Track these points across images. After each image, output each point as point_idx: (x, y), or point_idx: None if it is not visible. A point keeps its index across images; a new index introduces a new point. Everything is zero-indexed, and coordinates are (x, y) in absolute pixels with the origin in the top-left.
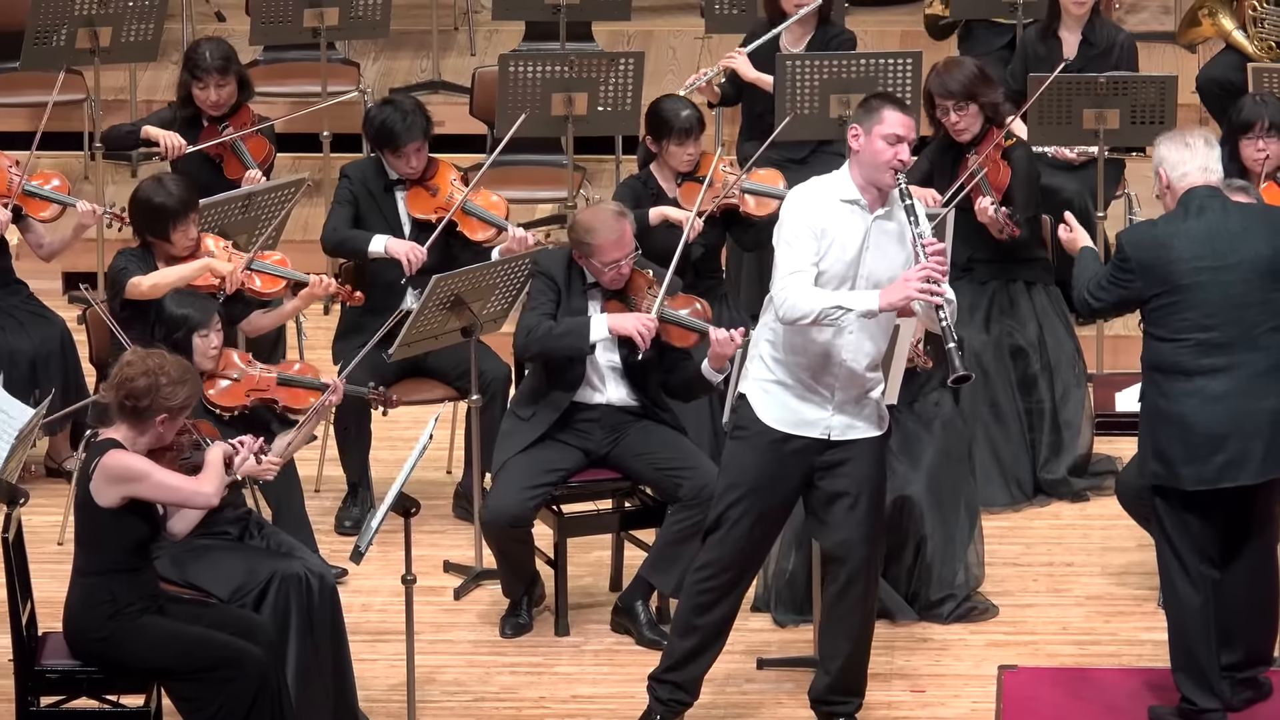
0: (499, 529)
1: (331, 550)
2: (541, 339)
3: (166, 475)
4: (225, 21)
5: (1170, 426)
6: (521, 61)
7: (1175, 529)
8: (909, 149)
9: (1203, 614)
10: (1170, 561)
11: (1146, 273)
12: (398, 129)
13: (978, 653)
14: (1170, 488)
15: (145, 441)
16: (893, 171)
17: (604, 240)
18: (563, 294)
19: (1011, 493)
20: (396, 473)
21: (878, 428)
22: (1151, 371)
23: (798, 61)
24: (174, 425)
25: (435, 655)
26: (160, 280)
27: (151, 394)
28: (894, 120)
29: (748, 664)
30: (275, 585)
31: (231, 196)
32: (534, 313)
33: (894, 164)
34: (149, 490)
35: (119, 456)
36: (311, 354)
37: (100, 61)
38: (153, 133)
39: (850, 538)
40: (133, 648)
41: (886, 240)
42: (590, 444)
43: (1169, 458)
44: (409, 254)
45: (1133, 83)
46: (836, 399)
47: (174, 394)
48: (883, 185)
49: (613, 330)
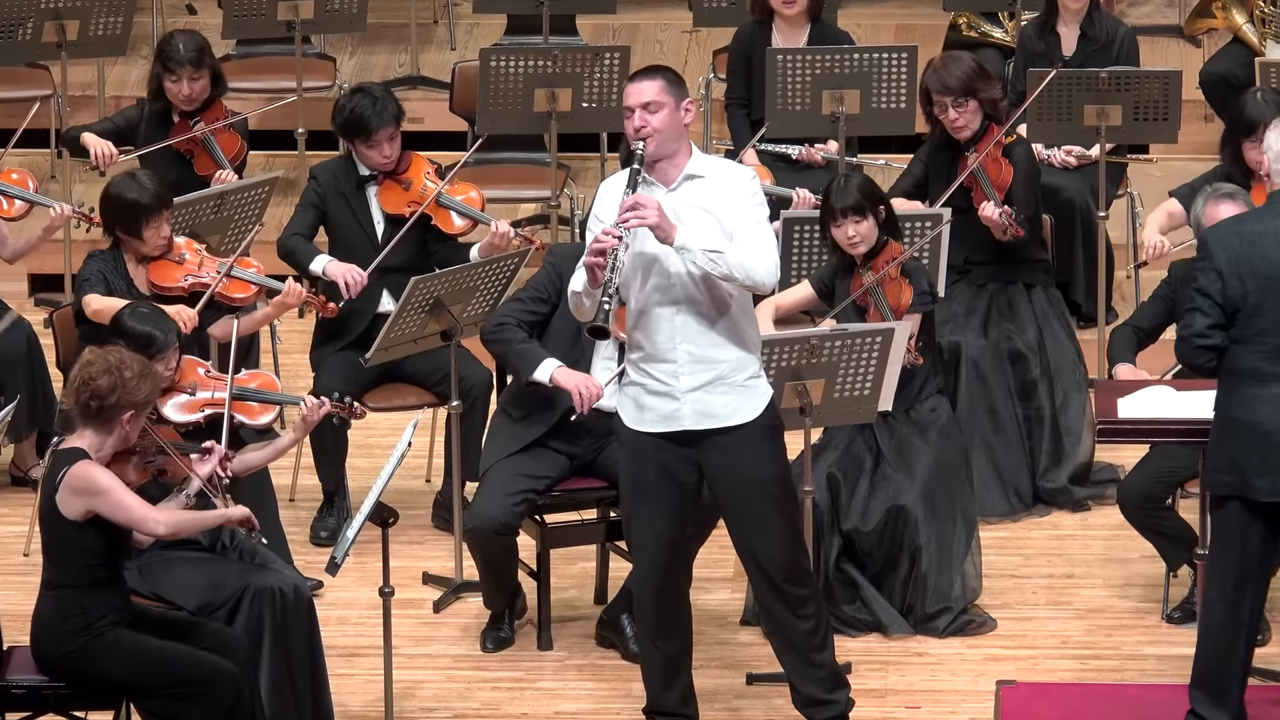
0: (484, 536)
1: (306, 562)
2: (505, 342)
3: (126, 496)
4: (197, 15)
5: (1246, 435)
6: (503, 56)
7: (1233, 543)
8: (645, 116)
9: (1239, 634)
10: (1219, 575)
11: (1232, 272)
12: (368, 115)
13: (975, 668)
14: (1238, 499)
15: (112, 443)
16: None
17: None
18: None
19: (1010, 502)
20: (374, 481)
21: (747, 415)
22: (1227, 377)
23: (789, 57)
24: (138, 423)
25: (414, 670)
26: (104, 309)
27: (116, 390)
28: (627, 91)
29: (737, 679)
30: (248, 598)
31: (203, 196)
32: (518, 305)
33: (632, 135)
34: (108, 507)
35: (85, 468)
36: (286, 358)
37: (67, 56)
38: (86, 139)
39: (753, 539)
40: (103, 663)
41: (686, 212)
42: (576, 450)
43: (1243, 468)
44: (347, 276)
45: (1135, 78)
46: (683, 386)
47: (138, 388)
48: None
49: (556, 381)
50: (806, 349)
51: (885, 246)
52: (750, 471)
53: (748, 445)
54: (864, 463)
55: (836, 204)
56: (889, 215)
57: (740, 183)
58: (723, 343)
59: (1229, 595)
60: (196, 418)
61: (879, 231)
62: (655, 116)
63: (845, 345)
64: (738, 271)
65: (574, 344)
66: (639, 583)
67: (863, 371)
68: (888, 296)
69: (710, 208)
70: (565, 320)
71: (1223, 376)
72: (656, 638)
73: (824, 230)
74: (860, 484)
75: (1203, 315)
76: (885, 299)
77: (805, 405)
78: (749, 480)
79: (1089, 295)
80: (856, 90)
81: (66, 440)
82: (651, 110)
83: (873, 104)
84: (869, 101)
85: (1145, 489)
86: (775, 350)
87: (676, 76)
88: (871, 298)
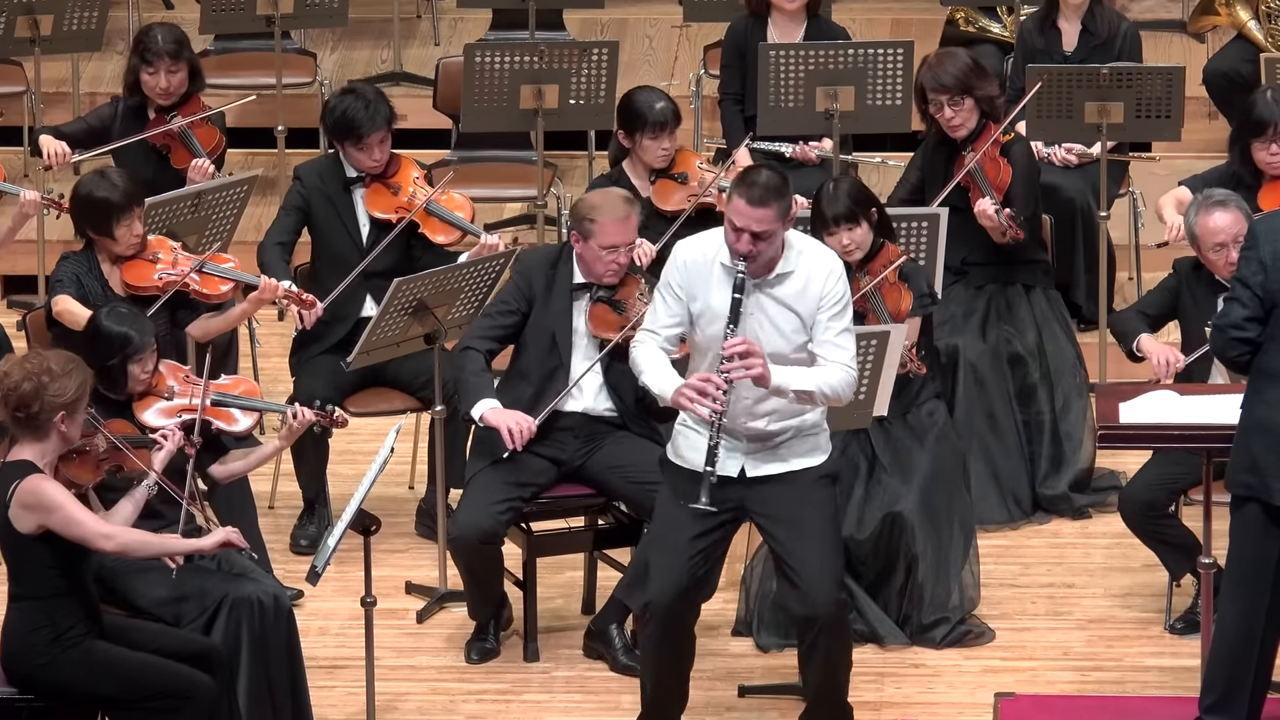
0: (469, 546)
1: (286, 571)
2: (460, 369)
3: (77, 511)
4: (174, 9)
5: (1267, 435)
6: (488, 52)
7: (1249, 548)
8: (756, 244)
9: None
10: (1235, 583)
11: (1276, 265)
12: (359, 118)
13: (973, 680)
14: (1256, 501)
15: (54, 447)
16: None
17: (607, 219)
18: (537, 302)
19: (1009, 509)
20: (355, 488)
21: (804, 464)
22: (1256, 376)
23: (782, 52)
24: (76, 422)
25: (396, 682)
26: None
27: (40, 396)
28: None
29: (729, 691)
30: (226, 608)
31: (180, 195)
32: (487, 323)
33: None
34: (58, 523)
35: (35, 484)
36: (265, 361)
37: (41, 51)
38: (41, 140)
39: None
40: (75, 674)
41: (772, 308)
42: (563, 455)
43: (1261, 468)
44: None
45: (1137, 74)
46: (746, 445)
47: (63, 389)
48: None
49: (486, 420)
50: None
51: (882, 249)
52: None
53: (800, 486)
54: (859, 469)
55: (828, 212)
56: (882, 217)
57: (828, 284)
58: (790, 412)
59: (1241, 602)
60: (173, 423)
61: (874, 234)
62: (766, 243)
63: None
64: (822, 402)
65: (550, 350)
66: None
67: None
68: (887, 302)
69: (796, 305)
70: (538, 328)
71: (1252, 375)
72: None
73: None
74: (855, 490)
75: (1240, 306)
76: (885, 305)
77: None
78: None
79: (1090, 297)
80: (851, 87)
81: (11, 453)
82: (763, 238)
83: (868, 101)
84: (864, 98)
85: (1148, 496)
86: None
87: (784, 185)
88: (870, 304)
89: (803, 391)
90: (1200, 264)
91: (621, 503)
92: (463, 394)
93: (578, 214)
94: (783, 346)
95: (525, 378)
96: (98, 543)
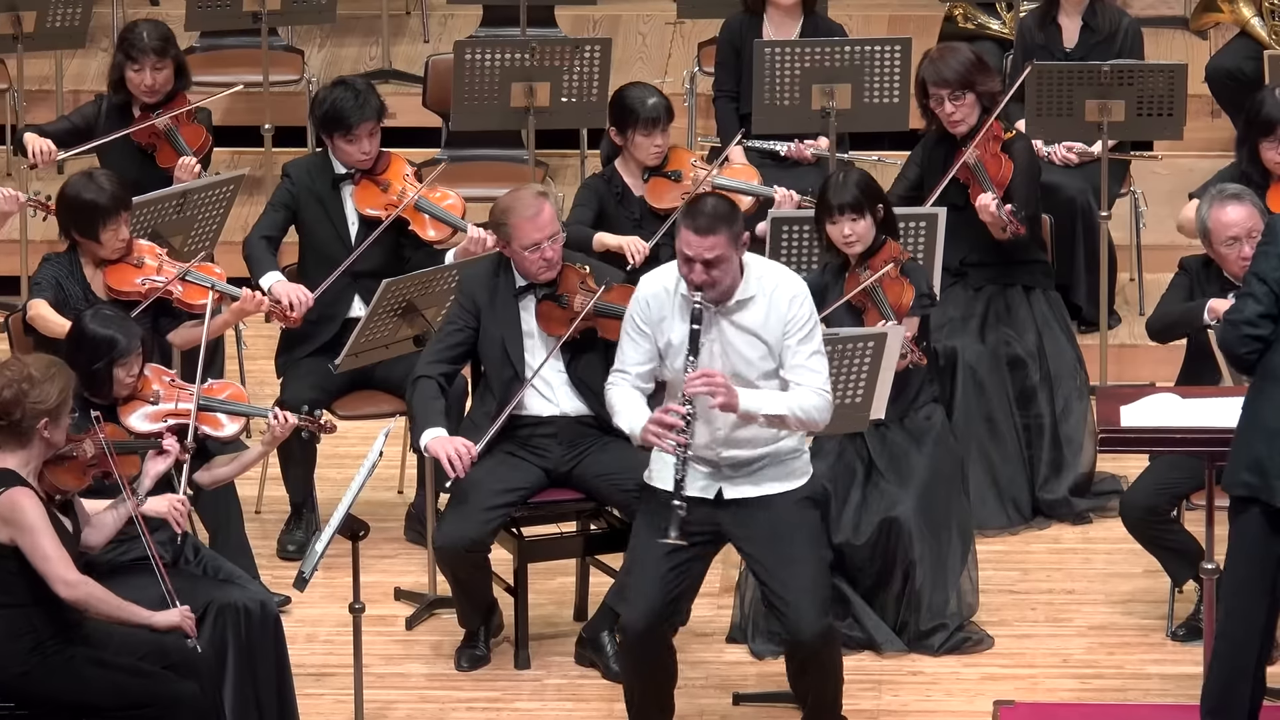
0: (455, 554)
1: (273, 577)
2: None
3: (46, 542)
4: (159, 5)
5: (1274, 436)
6: (479, 49)
7: (1249, 552)
8: (708, 273)
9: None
10: (1236, 587)
11: None
12: (348, 109)
13: (971, 687)
14: (1257, 504)
15: (38, 454)
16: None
17: (519, 219)
18: (484, 313)
19: (1008, 514)
20: (343, 492)
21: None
22: (1260, 377)
23: (777, 49)
24: (60, 428)
25: (385, 690)
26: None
27: (21, 403)
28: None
29: (723, 699)
30: (212, 615)
31: (165, 195)
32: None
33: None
34: (26, 546)
35: (14, 498)
36: (252, 364)
37: (24, 49)
38: (26, 138)
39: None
40: (57, 683)
41: (735, 336)
42: (550, 461)
43: (1266, 469)
44: (292, 296)
45: (1139, 72)
46: (725, 473)
47: (45, 395)
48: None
49: (428, 450)
50: None
51: (883, 246)
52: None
53: (779, 511)
54: (856, 473)
55: (834, 200)
56: (887, 214)
57: (792, 308)
58: (765, 438)
59: (1242, 607)
60: (159, 428)
61: (876, 230)
62: (718, 270)
63: (836, 351)
64: (796, 426)
65: (504, 362)
66: (627, 626)
67: (854, 378)
68: (888, 296)
69: (760, 331)
70: (489, 339)
71: (1258, 376)
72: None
73: (819, 227)
74: (852, 495)
75: (1255, 302)
76: (886, 299)
77: None
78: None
79: (1090, 298)
80: (848, 84)
81: None
82: (715, 265)
83: (864, 99)
84: (861, 96)
85: (1149, 501)
86: None
87: (733, 213)
88: (870, 298)
89: (774, 416)
90: (1209, 261)
91: (614, 509)
92: (414, 422)
93: (494, 221)
94: (750, 374)
95: (490, 389)
96: (57, 586)
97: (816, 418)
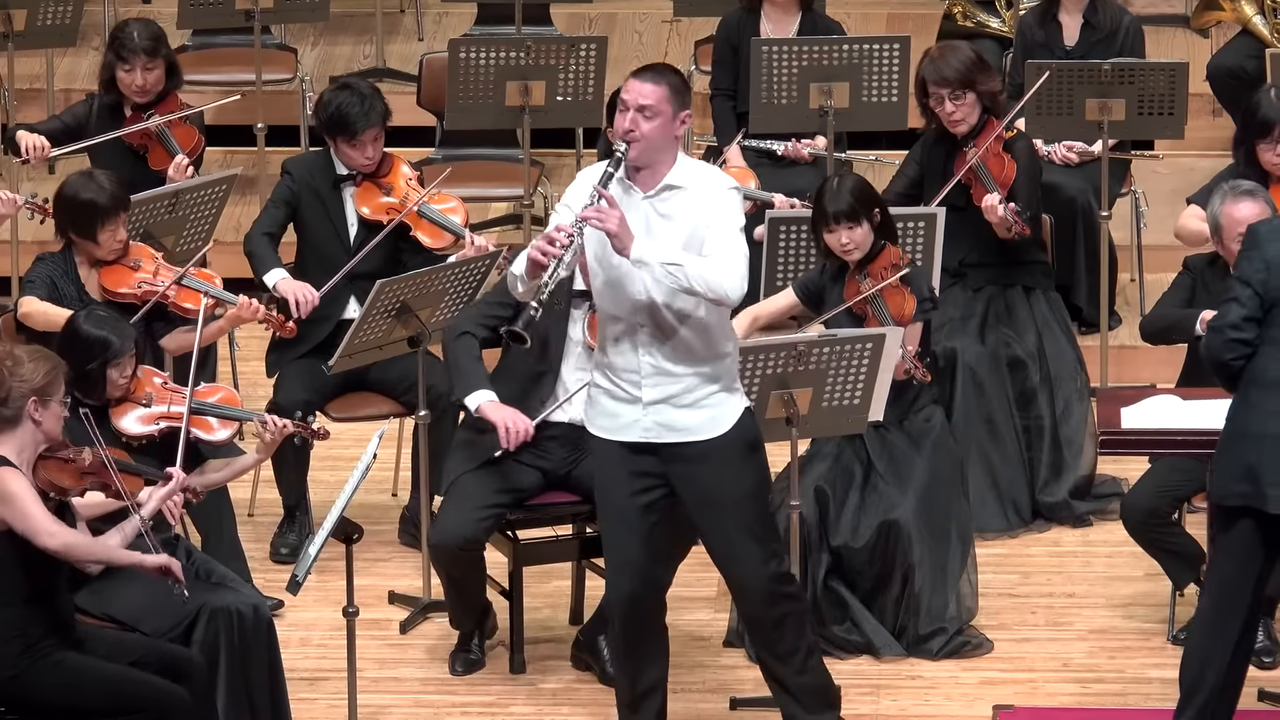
0: (448, 552)
1: (266, 580)
2: (454, 351)
3: (32, 505)
4: (150, 4)
5: (1264, 442)
6: (473, 47)
7: (1239, 560)
8: (638, 120)
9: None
10: (1220, 594)
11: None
12: (354, 114)
13: (971, 692)
14: (1252, 511)
15: (31, 439)
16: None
17: None
18: None
19: (1008, 517)
20: (337, 495)
21: (713, 430)
22: (1246, 384)
23: (775, 47)
24: (51, 412)
25: (379, 694)
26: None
27: (6, 381)
28: (627, 86)
29: (720, 703)
30: (204, 618)
31: (157, 194)
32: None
33: (619, 132)
34: (12, 515)
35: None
36: (245, 366)
37: (14, 47)
38: (19, 135)
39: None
40: (46, 687)
41: (658, 223)
42: (549, 463)
43: (1259, 476)
44: (298, 294)
45: (1140, 70)
46: (646, 398)
47: (33, 372)
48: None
49: (482, 413)
50: (793, 355)
51: (882, 251)
52: (717, 490)
53: (714, 462)
54: (854, 475)
55: (829, 209)
56: (885, 219)
57: (718, 194)
58: (688, 355)
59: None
60: (151, 430)
61: (874, 236)
62: (649, 124)
63: (834, 352)
64: (698, 285)
65: (541, 355)
66: (609, 603)
67: (853, 379)
68: (890, 306)
69: (684, 219)
70: None
71: (1243, 384)
72: (626, 661)
73: (815, 234)
74: (850, 498)
75: (1239, 306)
76: (887, 309)
77: (792, 415)
78: (716, 499)
79: (1091, 299)
80: (846, 83)
81: None
82: (647, 116)
83: (863, 98)
84: (859, 95)
85: (1150, 503)
86: (760, 357)
87: (683, 84)
88: (872, 307)
89: (671, 265)
90: (1215, 259)
91: None
92: (456, 379)
93: None
94: None
95: (513, 375)
96: (41, 538)
97: (724, 290)
